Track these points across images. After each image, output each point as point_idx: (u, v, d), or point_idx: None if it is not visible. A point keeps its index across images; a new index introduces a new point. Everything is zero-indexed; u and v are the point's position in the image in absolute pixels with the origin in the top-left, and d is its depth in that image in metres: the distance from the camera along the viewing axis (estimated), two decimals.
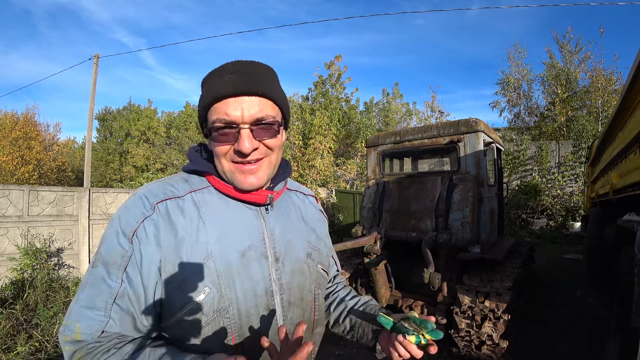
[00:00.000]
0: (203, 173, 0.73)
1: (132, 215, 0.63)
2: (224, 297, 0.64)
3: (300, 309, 0.74)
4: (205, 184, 0.72)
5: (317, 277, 0.80)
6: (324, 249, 0.86)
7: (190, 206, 0.67)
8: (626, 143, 2.54)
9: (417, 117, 16.49)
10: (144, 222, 0.62)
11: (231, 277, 0.65)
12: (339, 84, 12.49)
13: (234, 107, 0.63)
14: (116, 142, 19.14)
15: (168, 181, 0.71)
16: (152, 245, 0.62)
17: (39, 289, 4.18)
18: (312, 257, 0.79)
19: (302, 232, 0.80)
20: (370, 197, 3.76)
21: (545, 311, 3.83)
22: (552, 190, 10.55)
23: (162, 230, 0.63)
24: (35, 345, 3.11)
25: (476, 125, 3.20)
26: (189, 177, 0.73)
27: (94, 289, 0.61)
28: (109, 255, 0.61)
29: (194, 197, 0.69)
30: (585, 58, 15.18)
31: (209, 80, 0.68)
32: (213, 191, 0.71)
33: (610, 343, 2.42)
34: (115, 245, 0.61)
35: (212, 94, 0.65)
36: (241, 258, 0.67)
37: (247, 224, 0.71)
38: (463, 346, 2.68)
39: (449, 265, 3.12)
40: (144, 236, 0.62)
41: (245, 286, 0.66)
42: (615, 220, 3.40)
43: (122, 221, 0.63)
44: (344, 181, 12.22)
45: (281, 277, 0.71)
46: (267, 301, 0.68)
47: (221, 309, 0.63)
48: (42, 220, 5.21)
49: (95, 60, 9.64)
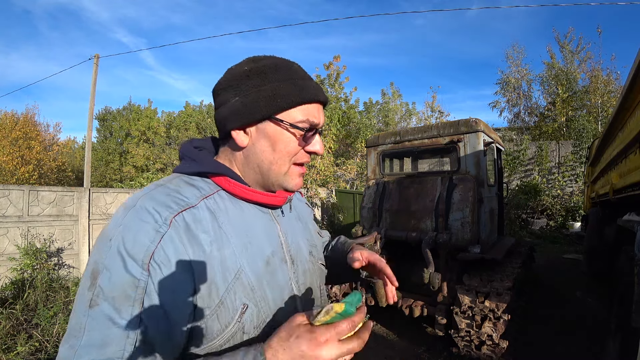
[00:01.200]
0: (208, 175, 0.65)
1: (143, 234, 0.50)
2: (261, 311, 0.60)
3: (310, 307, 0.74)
4: (213, 187, 0.64)
5: (320, 273, 0.80)
6: (319, 243, 0.86)
7: (207, 216, 0.59)
8: (626, 143, 2.54)
9: (416, 117, 16.50)
10: (161, 242, 0.51)
11: (262, 289, 0.61)
12: (337, 84, 12.51)
13: (320, 112, 0.66)
14: (116, 142, 19.13)
15: (170, 187, 0.60)
16: (176, 268, 0.51)
17: (39, 289, 4.18)
18: (313, 255, 0.79)
19: (301, 231, 0.79)
20: (370, 197, 3.77)
21: (545, 311, 3.83)
22: (552, 190, 10.55)
23: (186, 249, 0.53)
24: (35, 345, 3.11)
25: (476, 125, 3.20)
26: (192, 180, 0.64)
27: (99, 335, 0.47)
28: (115, 288, 0.48)
29: (207, 205, 0.60)
30: (585, 58, 15.20)
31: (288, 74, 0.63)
32: (224, 195, 0.64)
33: (610, 343, 2.42)
34: (123, 274, 0.48)
35: (307, 95, 0.62)
36: (267, 266, 0.64)
37: (265, 229, 0.67)
38: (463, 346, 2.68)
39: (449, 265, 3.12)
40: (165, 259, 0.50)
41: (275, 295, 0.63)
42: (615, 220, 3.40)
43: (128, 243, 0.50)
44: (344, 181, 12.22)
45: (298, 278, 0.70)
46: (294, 305, 0.67)
47: (260, 324, 0.60)
48: (42, 220, 5.21)
49: (95, 60, 9.64)
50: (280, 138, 0.62)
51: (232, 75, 0.64)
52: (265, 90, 0.61)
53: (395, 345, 3.20)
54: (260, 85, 0.61)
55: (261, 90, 0.61)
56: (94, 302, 0.48)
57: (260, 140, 0.63)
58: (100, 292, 0.48)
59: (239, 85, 0.62)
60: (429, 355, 2.98)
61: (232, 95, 0.62)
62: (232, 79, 0.63)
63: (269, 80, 0.61)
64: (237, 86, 0.62)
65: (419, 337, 3.31)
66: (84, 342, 0.47)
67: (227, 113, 0.62)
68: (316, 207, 9.72)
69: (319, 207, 9.86)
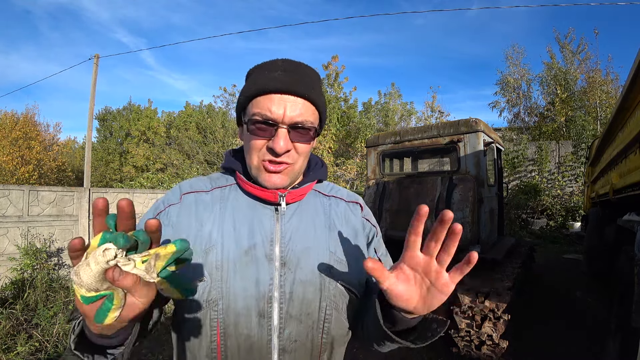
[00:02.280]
0: (235, 171, 0.76)
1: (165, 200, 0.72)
2: (215, 289, 0.63)
3: (304, 326, 0.65)
4: (232, 181, 0.77)
5: (336, 294, 0.68)
6: (355, 265, 0.71)
7: (214, 201, 0.72)
8: (626, 143, 2.54)
9: (415, 117, 16.49)
10: (168, 207, 0.70)
11: (228, 271, 0.63)
12: (337, 84, 12.52)
13: (277, 104, 0.63)
14: (116, 142, 19.13)
15: (205, 177, 0.79)
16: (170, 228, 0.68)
17: (39, 289, 4.18)
18: (332, 271, 0.68)
19: (326, 241, 0.70)
20: (370, 197, 3.77)
21: (545, 311, 3.83)
22: (552, 190, 10.55)
23: (182, 218, 0.69)
24: (35, 345, 3.10)
25: (476, 125, 3.20)
26: (223, 175, 0.79)
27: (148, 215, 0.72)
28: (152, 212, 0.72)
29: (218, 193, 0.74)
30: (586, 59, 15.20)
31: (257, 72, 0.69)
32: (237, 189, 0.75)
33: (610, 343, 2.42)
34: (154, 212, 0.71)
35: (258, 86, 0.64)
36: (244, 255, 0.65)
37: (258, 223, 0.69)
38: (463, 346, 2.68)
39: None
40: (165, 219, 0.69)
41: (240, 284, 0.63)
42: (615, 220, 3.41)
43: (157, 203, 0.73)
44: (344, 181, 12.22)
45: (285, 284, 0.65)
46: (262, 306, 0.63)
47: (211, 300, 0.62)
48: (42, 220, 5.21)
49: (95, 60, 9.64)
50: (246, 135, 0.68)
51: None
52: (245, 87, 0.69)
53: None
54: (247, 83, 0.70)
55: (245, 87, 0.69)
56: (150, 210, 0.73)
57: (244, 134, 0.71)
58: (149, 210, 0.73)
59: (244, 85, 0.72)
60: (429, 355, 2.98)
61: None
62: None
63: (249, 79, 0.70)
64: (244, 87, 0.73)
65: None
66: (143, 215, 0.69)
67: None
68: None
69: None
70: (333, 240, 0.71)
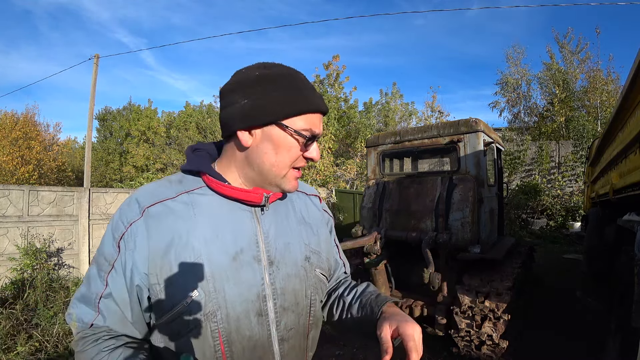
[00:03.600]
0: (199, 173, 0.72)
1: (123, 218, 0.65)
2: (212, 301, 0.63)
3: (295, 315, 0.72)
4: (199, 184, 0.71)
5: (315, 282, 0.77)
6: (325, 252, 0.83)
7: (182, 208, 0.66)
8: (626, 143, 2.54)
9: (415, 117, 16.49)
10: (130, 227, 0.63)
11: (220, 281, 0.64)
12: (337, 84, 12.51)
13: (319, 123, 0.70)
14: (116, 142, 19.12)
15: (164, 182, 0.71)
16: (137, 250, 0.63)
17: (39, 289, 4.18)
18: (310, 261, 0.77)
19: (300, 235, 0.77)
20: (370, 197, 3.76)
21: (546, 311, 3.83)
22: (552, 191, 10.54)
23: (150, 234, 0.63)
24: (35, 345, 3.11)
25: (476, 125, 3.20)
26: (185, 177, 0.72)
27: (87, 285, 0.66)
28: (101, 256, 0.65)
29: (185, 198, 0.68)
30: (585, 59, 15.20)
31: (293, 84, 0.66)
32: (208, 191, 0.70)
33: (610, 343, 2.42)
34: (107, 246, 0.65)
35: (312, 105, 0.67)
36: (232, 261, 0.66)
37: (240, 226, 0.69)
38: (463, 346, 2.68)
39: (449, 265, 3.12)
40: (131, 241, 0.63)
41: (235, 290, 0.65)
42: (615, 220, 3.40)
43: (114, 224, 0.65)
44: (344, 181, 12.22)
45: (275, 281, 0.69)
46: (259, 306, 0.67)
47: (209, 313, 0.63)
48: (42, 220, 5.21)
49: (95, 60, 9.64)
50: (284, 142, 0.66)
51: (241, 78, 0.67)
52: (274, 96, 0.64)
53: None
54: (270, 91, 0.65)
55: (270, 95, 0.64)
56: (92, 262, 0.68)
57: (264, 142, 0.66)
58: (96, 256, 0.67)
59: (249, 88, 0.65)
60: (429, 355, 2.98)
61: (240, 97, 0.65)
62: (241, 82, 0.67)
63: (278, 87, 0.65)
64: (246, 89, 0.65)
65: None
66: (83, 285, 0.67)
67: (234, 114, 0.66)
68: None
69: None
70: (305, 233, 0.79)
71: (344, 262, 1.00)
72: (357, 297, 0.84)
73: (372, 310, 0.76)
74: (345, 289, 0.90)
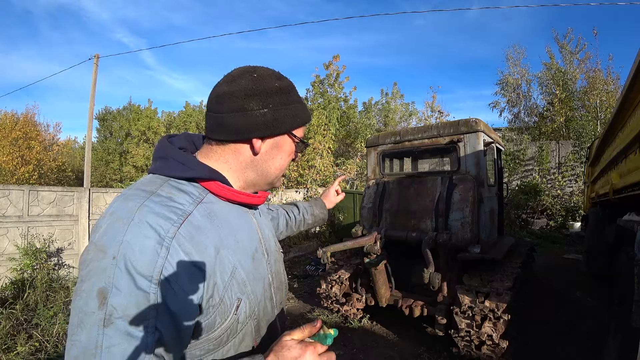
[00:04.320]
0: (196, 179, 0.66)
1: (150, 251, 0.52)
2: (252, 302, 0.69)
3: (281, 291, 0.85)
4: (202, 191, 0.66)
5: (281, 258, 0.90)
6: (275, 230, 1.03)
7: (204, 221, 0.62)
8: (626, 143, 2.54)
9: (415, 117, 16.49)
10: (168, 257, 0.53)
11: (252, 282, 0.69)
12: (337, 84, 12.51)
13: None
14: (116, 142, 19.13)
15: (163, 195, 0.60)
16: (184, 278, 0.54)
17: (39, 289, 4.18)
18: (276, 242, 0.90)
19: (268, 225, 0.89)
20: (370, 197, 3.76)
21: (545, 311, 3.83)
22: (552, 190, 10.55)
23: (191, 259, 0.56)
24: (35, 345, 3.10)
25: (476, 125, 3.20)
26: (181, 185, 0.64)
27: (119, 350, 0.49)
28: (130, 306, 0.50)
29: (201, 210, 0.63)
30: (585, 59, 15.20)
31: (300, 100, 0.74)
32: (212, 199, 0.67)
33: (610, 343, 2.42)
34: (135, 292, 0.50)
35: (309, 117, 0.76)
36: (252, 262, 0.72)
37: (248, 228, 0.75)
38: (463, 346, 2.67)
39: (449, 265, 3.12)
40: (173, 272, 0.53)
41: (259, 286, 0.72)
42: (615, 220, 3.41)
43: (135, 261, 0.51)
44: (343, 181, 12.22)
45: (271, 268, 0.80)
46: (270, 293, 0.77)
47: (251, 313, 0.69)
48: (42, 220, 5.21)
49: (95, 60, 9.64)
50: (288, 149, 0.74)
51: (261, 85, 0.66)
52: (290, 109, 0.70)
53: (395, 345, 3.20)
54: (287, 103, 0.70)
55: (288, 107, 0.70)
56: (109, 321, 0.49)
57: (273, 149, 0.72)
58: (114, 311, 0.49)
59: (269, 98, 0.66)
60: (429, 355, 2.98)
61: (258, 105, 0.65)
62: (261, 90, 0.66)
63: (292, 100, 0.71)
64: (267, 98, 0.66)
65: (419, 337, 3.31)
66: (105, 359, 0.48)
67: (252, 122, 0.65)
68: None
69: None
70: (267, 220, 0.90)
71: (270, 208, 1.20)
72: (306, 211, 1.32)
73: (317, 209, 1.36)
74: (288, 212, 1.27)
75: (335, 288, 3.57)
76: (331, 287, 3.60)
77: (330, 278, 3.60)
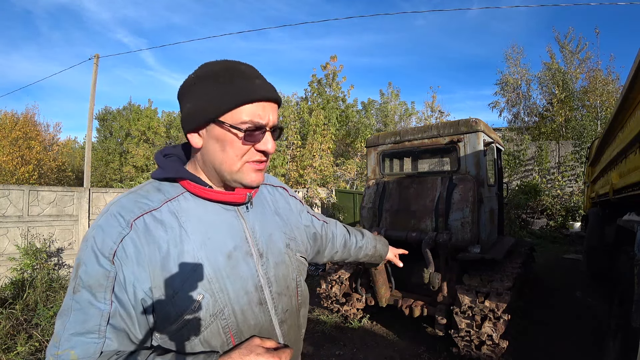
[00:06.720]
0: (176, 179, 0.71)
1: (109, 235, 0.61)
2: (218, 301, 0.66)
3: (288, 297, 0.79)
4: (179, 190, 0.71)
5: (298, 265, 0.85)
6: (299, 237, 0.90)
7: (169, 217, 0.66)
8: (626, 143, 2.54)
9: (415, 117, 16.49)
10: (122, 242, 0.61)
11: (222, 280, 0.67)
12: (335, 84, 12.52)
13: (264, 111, 0.67)
14: (116, 142, 19.14)
15: (140, 192, 0.68)
16: (135, 264, 0.61)
17: (39, 289, 4.18)
18: (290, 247, 0.83)
19: (278, 225, 0.83)
20: (370, 197, 3.76)
21: (545, 311, 3.83)
22: (552, 190, 10.54)
23: (143, 248, 0.62)
24: (35, 345, 3.11)
25: (476, 125, 3.20)
26: (161, 185, 0.71)
27: (81, 314, 0.60)
28: (91, 278, 0.60)
29: (170, 207, 0.67)
30: (585, 59, 15.20)
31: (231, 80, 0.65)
32: (189, 197, 0.70)
33: (610, 343, 2.41)
34: (96, 267, 0.60)
35: (246, 94, 0.64)
36: (228, 260, 0.69)
37: (228, 226, 0.72)
38: (463, 346, 2.67)
39: (449, 265, 3.12)
40: (124, 256, 0.60)
41: (236, 286, 0.69)
42: (615, 220, 3.40)
43: (98, 242, 0.61)
44: (343, 181, 12.22)
45: (267, 271, 0.75)
46: (258, 296, 0.72)
47: (217, 312, 0.66)
48: (42, 220, 5.21)
49: (95, 60, 9.64)
50: (225, 139, 0.66)
51: (185, 82, 0.69)
52: (209, 94, 0.64)
53: (395, 345, 3.20)
54: (207, 90, 0.65)
55: (206, 94, 0.65)
56: (76, 290, 0.61)
57: (210, 141, 0.67)
58: (80, 282, 0.61)
59: (189, 91, 0.67)
60: (429, 355, 2.98)
61: (185, 100, 0.68)
62: (184, 86, 0.69)
63: (213, 85, 0.65)
64: (188, 92, 0.67)
65: (419, 337, 3.31)
66: (71, 319, 0.60)
67: (182, 117, 0.69)
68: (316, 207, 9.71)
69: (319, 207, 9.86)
70: (282, 222, 0.85)
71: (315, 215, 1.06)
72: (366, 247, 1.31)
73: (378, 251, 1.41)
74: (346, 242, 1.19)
75: (335, 288, 3.57)
76: (331, 287, 3.60)
77: (330, 278, 3.60)
